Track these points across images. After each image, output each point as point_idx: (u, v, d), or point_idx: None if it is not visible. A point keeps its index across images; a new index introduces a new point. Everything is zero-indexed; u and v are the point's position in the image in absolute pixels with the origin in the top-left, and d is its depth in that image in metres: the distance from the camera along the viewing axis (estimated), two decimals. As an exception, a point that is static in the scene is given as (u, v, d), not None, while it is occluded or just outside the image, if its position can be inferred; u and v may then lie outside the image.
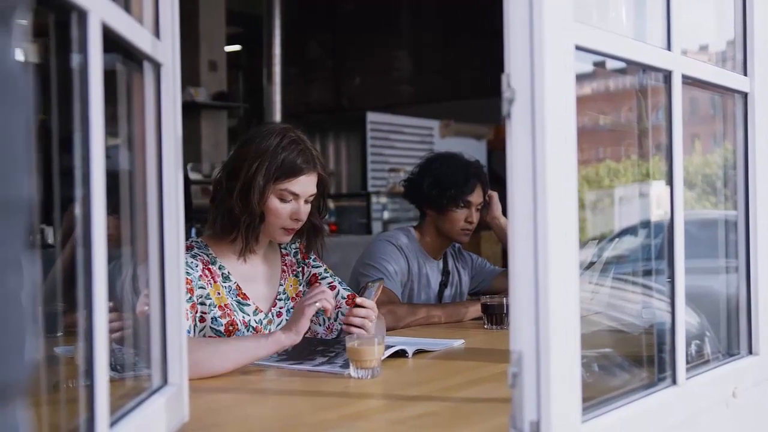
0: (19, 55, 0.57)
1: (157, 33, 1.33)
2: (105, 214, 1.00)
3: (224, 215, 2.17)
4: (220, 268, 2.19)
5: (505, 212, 3.08)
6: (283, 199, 2.17)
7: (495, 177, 3.53)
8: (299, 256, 2.39)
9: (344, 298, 2.32)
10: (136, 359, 1.42)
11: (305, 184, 2.19)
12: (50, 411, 1.14)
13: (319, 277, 2.38)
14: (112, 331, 1.33)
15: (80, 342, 1.05)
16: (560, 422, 1.15)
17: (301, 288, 2.35)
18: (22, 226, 0.55)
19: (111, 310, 1.05)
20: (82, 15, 0.97)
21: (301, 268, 2.38)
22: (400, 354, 2.07)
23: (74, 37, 0.98)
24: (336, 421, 1.51)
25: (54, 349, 1.50)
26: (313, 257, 2.40)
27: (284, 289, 2.31)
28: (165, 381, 1.35)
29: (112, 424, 1.07)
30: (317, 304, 1.97)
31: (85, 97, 0.98)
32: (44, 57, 1.05)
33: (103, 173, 1.01)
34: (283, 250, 2.37)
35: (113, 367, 1.24)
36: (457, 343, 2.31)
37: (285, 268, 2.34)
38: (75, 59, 0.99)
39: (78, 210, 0.99)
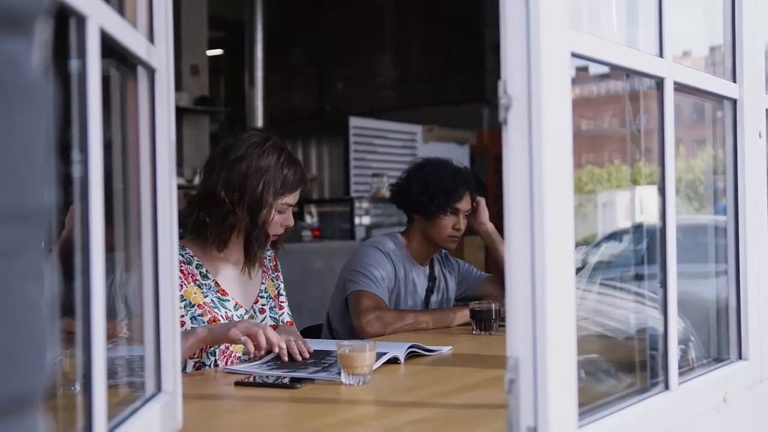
0: (39, 62, 0.57)
1: (151, 38, 1.32)
2: (103, 220, 1.00)
3: (228, 230, 2.23)
4: (197, 267, 2.24)
5: (491, 217, 3.08)
6: (281, 212, 2.26)
7: (478, 182, 3.53)
8: (272, 264, 2.48)
9: (283, 323, 2.41)
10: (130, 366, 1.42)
11: (298, 195, 2.31)
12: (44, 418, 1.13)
13: (279, 293, 2.47)
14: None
15: (69, 349, 1.04)
16: (557, 428, 1.15)
17: (276, 292, 2.45)
18: (43, 235, 0.55)
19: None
20: (81, 20, 0.96)
21: (276, 275, 2.47)
22: (391, 360, 2.07)
23: (72, 42, 0.97)
24: (330, 428, 1.50)
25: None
26: (277, 273, 2.49)
27: (265, 288, 2.40)
28: (159, 389, 1.34)
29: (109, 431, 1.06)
30: (242, 338, 1.96)
31: (84, 102, 0.98)
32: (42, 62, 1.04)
33: (101, 178, 1.00)
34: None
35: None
36: (446, 349, 2.31)
37: (265, 269, 2.43)
38: (73, 64, 0.98)
39: (76, 215, 0.98)
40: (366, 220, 7.42)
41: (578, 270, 2.02)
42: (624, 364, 1.70)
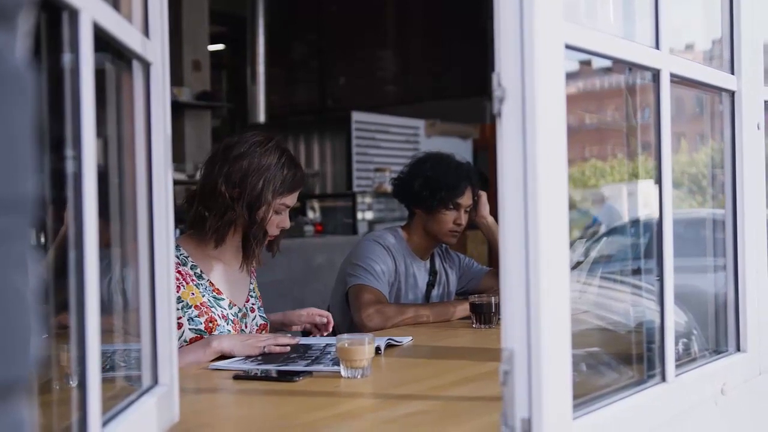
0: (23, 54, 0.57)
1: (146, 32, 1.32)
2: (96, 215, 1.00)
3: (227, 226, 2.24)
4: (192, 268, 2.26)
5: (492, 212, 3.08)
6: (278, 212, 2.27)
7: (480, 177, 3.52)
8: (254, 266, 2.49)
9: (257, 326, 2.40)
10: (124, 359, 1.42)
11: (296, 197, 2.33)
12: (39, 412, 1.13)
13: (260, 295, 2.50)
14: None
15: (65, 343, 1.04)
16: (552, 419, 1.15)
17: (259, 293, 2.47)
18: (28, 225, 0.55)
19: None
20: (74, 14, 0.97)
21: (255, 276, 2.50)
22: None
23: (65, 36, 0.98)
24: (327, 421, 1.51)
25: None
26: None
27: (253, 288, 2.43)
28: (155, 381, 1.35)
29: (104, 423, 1.06)
30: (265, 349, 2.10)
31: (77, 97, 0.98)
32: (33, 56, 1.04)
33: (95, 173, 1.00)
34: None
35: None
36: (406, 340, 2.33)
37: (253, 269, 2.45)
38: (65, 58, 0.99)
39: (70, 211, 0.98)
40: (368, 215, 7.42)
41: (579, 263, 2.02)
42: (622, 357, 1.70)
